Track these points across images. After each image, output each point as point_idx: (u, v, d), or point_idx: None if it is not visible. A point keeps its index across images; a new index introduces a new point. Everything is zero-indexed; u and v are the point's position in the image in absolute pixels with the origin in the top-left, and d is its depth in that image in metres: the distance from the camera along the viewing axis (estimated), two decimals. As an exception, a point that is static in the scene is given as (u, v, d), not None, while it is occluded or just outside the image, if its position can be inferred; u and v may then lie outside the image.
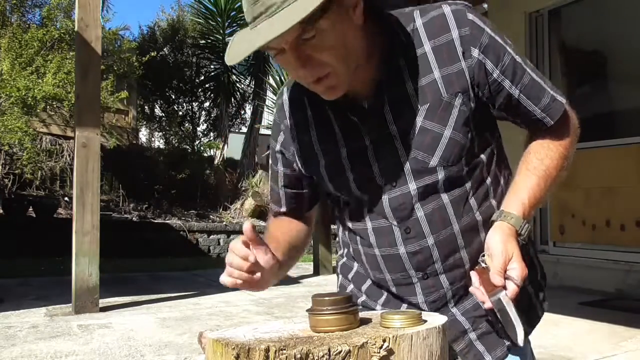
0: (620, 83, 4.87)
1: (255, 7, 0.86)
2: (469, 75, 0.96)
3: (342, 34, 0.89)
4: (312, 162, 1.08)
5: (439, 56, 0.96)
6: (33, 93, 6.39)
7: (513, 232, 0.95)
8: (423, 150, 0.97)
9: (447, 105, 0.96)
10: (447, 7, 0.97)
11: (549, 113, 1.01)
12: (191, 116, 11.37)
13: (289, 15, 0.82)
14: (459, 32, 0.95)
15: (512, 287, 0.91)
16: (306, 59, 0.89)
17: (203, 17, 11.36)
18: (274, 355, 0.65)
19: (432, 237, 1.00)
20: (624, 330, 3.18)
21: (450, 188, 0.99)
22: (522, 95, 0.99)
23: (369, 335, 0.68)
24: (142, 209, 8.39)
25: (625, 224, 4.24)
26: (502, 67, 0.97)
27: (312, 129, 1.07)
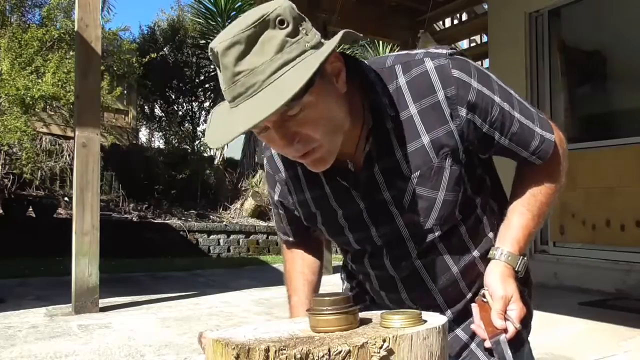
0: (620, 83, 4.87)
1: (235, 88, 0.81)
2: (458, 134, 0.95)
3: (327, 105, 0.86)
4: (311, 218, 1.10)
5: (426, 119, 0.94)
6: (32, 92, 6.39)
7: (510, 271, 0.98)
8: (418, 214, 0.98)
9: (439, 169, 0.96)
10: (430, 63, 0.94)
11: (539, 155, 1.01)
12: (191, 116, 11.36)
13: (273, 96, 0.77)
14: (444, 93, 0.92)
15: (511, 329, 0.95)
16: (292, 136, 0.85)
17: (203, 17, 11.36)
18: (274, 355, 0.64)
19: (432, 283, 1.03)
20: (624, 330, 3.17)
21: (447, 238, 1.02)
22: (512, 143, 0.99)
23: (369, 335, 0.68)
24: (142, 209, 8.39)
25: (625, 224, 4.24)
26: (491, 121, 0.95)
27: (305, 189, 1.06)
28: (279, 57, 0.80)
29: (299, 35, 0.82)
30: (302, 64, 0.80)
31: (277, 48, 0.80)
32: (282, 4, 0.83)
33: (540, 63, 4.98)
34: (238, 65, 0.80)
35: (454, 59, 0.94)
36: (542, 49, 4.98)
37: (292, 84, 0.77)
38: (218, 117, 0.87)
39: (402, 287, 1.05)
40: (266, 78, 0.79)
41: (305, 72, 0.77)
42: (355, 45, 11.73)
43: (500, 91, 0.97)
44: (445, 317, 0.80)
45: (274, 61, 0.80)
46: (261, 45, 0.80)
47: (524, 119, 0.99)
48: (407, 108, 0.94)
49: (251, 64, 0.80)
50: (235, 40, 0.80)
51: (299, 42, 0.82)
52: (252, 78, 0.80)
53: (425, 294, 1.04)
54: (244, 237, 8.18)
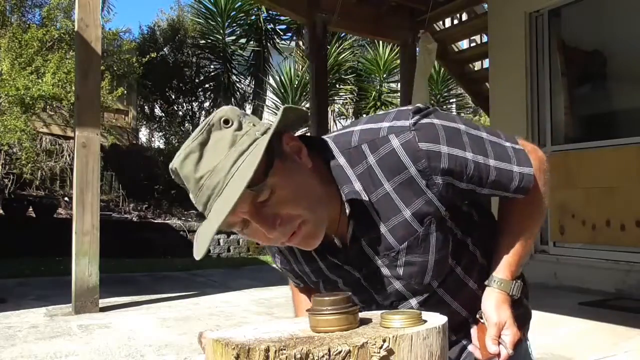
0: (620, 83, 4.87)
1: (202, 194, 0.83)
2: (438, 200, 0.95)
3: (297, 181, 0.86)
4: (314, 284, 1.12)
5: (403, 194, 0.94)
6: (32, 92, 6.39)
7: (504, 297, 1.02)
8: (413, 277, 1.01)
9: (425, 236, 0.97)
10: (395, 140, 0.92)
11: (520, 192, 1.02)
12: (191, 116, 11.36)
13: (234, 187, 0.79)
14: (416, 167, 0.92)
15: (503, 353, 0.98)
16: (273, 219, 0.85)
17: (203, 17, 11.36)
18: (274, 355, 0.64)
19: None
20: (624, 330, 3.17)
21: (444, 282, 1.04)
22: (492, 190, 1.00)
23: (369, 335, 0.68)
24: (142, 209, 8.39)
25: (625, 224, 4.23)
26: (468, 177, 0.95)
27: (302, 262, 1.09)
28: (232, 150, 0.82)
29: (245, 128, 0.84)
30: (256, 149, 0.81)
31: (229, 143, 0.82)
32: (222, 109, 0.86)
33: (540, 63, 4.97)
34: (197, 170, 0.83)
35: (419, 129, 0.92)
36: (542, 49, 4.98)
37: (246, 171, 0.78)
38: (199, 231, 0.86)
39: None
40: (227, 173, 0.81)
41: (251, 166, 0.78)
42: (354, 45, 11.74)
43: (471, 144, 0.96)
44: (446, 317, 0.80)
45: (230, 156, 0.82)
46: (213, 146, 0.83)
47: (501, 163, 0.98)
48: (382, 185, 0.94)
49: (209, 164, 0.82)
50: (188, 150, 0.84)
51: (249, 133, 0.84)
52: (215, 177, 0.82)
53: None
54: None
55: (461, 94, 11.69)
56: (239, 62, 11.70)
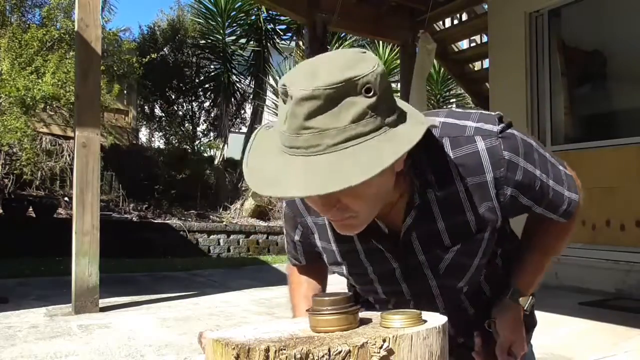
0: (620, 83, 4.87)
1: (296, 139, 0.76)
2: (500, 210, 0.96)
3: (379, 184, 0.82)
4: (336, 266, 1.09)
5: (471, 197, 0.94)
6: (32, 93, 6.39)
7: (520, 313, 1.06)
8: (453, 278, 1.02)
9: (477, 240, 0.98)
10: (481, 143, 0.91)
11: (565, 215, 1.05)
12: (191, 116, 11.36)
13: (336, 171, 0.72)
14: (493, 175, 0.92)
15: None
16: (335, 203, 0.82)
17: (203, 17, 11.36)
18: (274, 355, 0.64)
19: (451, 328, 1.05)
20: (624, 330, 3.18)
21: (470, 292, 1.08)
22: (545, 210, 1.03)
23: (369, 335, 0.68)
24: (142, 209, 8.39)
25: (625, 224, 4.24)
26: (532, 194, 0.98)
27: (332, 240, 1.03)
28: (352, 127, 0.74)
29: (379, 109, 0.76)
30: (376, 144, 0.75)
31: (354, 117, 0.74)
32: (375, 69, 0.77)
33: (540, 63, 4.97)
34: (309, 121, 0.75)
35: (505, 138, 0.92)
36: (542, 49, 4.98)
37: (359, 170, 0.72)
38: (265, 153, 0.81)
39: None
40: (333, 144, 0.74)
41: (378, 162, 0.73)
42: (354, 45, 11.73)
43: (539, 162, 0.97)
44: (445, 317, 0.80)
45: (347, 130, 0.74)
46: (339, 110, 0.74)
47: (557, 185, 1.01)
48: (454, 183, 0.93)
49: (323, 124, 0.74)
50: (315, 94, 0.74)
51: (378, 116, 0.76)
52: (319, 139, 0.74)
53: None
54: (244, 237, 8.18)
55: (461, 94, 11.67)
56: (239, 62, 11.70)
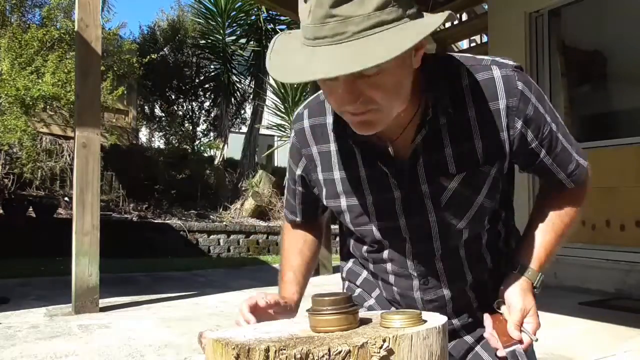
0: (620, 83, 4.87)
1: (321, 29, 0.77)
2: (509, 146, 0.97)
3: (400, 75, 0.85)
4: (335, 200, 1.07)
5: (483, 125, 0.95)
6: (32, 92, 6.39)
7: (530, 286, 1.01)
8: (453, 213, 0.99)
9: (483, 174, 0.97)
10: (497, 71, 0.94)
11: (573, 179, 1.06)
12: (191, 116, 11.37)
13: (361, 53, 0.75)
14: (506, 103, 0.94)
15: (526, 340, 0.97)
16: (358, 94, 0.83)
17: (203, 17, 11.36)
18: (274, 355, 0.65)
19: (448, 289, 1.06)
20: (624, 330, 3.17)
21: (469, 245, 1.04)
22: (553, 163, 1.02)
23: (369, 335, 0.68)
24: (142, 209, 8.39)
25: (625, 224, 4.24)
26: (541, 138, 0.99)
27: (336, 167, 1.04)
28: (377, 14, 0.77)
29: (401, 1, 0.79)
30: (399, 30, 0.77)
31: (379, 5, 0.77)
32: None
33: (540, 63, 4.97)
34: (335, 9, 0.76)
35: (519, 73, 0.95)
36: (542, 49, 4.98)
37: (384, 49, 0.74)
38: (288, 50, 0.84)
39: (418, 288, 1.07)
40: (358, 31, 0.76)
41: (403, 42, 0.75)
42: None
43: (550, 113, 1.00)
44: (445, 317, 0.80)
45: (371, 18, 0.77)
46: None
47: (565, 142, 1.02)
48: (466, 110, 0.94)
49: (348, 12, 0.76)
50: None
51: (400, 7, 0.78)
52: (344, 27, 0.76)
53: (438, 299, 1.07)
54: (244, 237, 8.18)
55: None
56: (239, 62, 11.70)
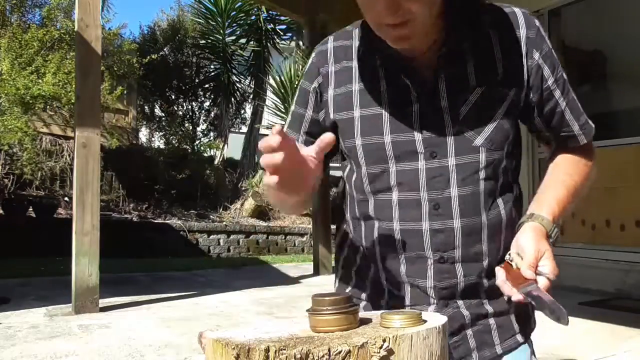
0: (620, 83, 4.87)
1: None
2: (527, 75, 0.99)
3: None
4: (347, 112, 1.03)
5: (504, 46, 0.99)
6: (32, 92, 6.39)
7: (544, 233, 0.96)
8: (471, 128, 0.97)
9: (502, 93, 0.98)
10: (519, 9, 1.02)
11: (585, 132, 1.06)
12: (191, 116, 11.37)
13: None
14: (526, 32, 0.99)
15: (544, 281, 0.91)
16: (396, 7, 0.87)
17: (203, 17, 11.37)
18: (274, 355, 0.65)
19: (459, 220, 0.98)
20: (624, 330, 3.18)
21: (487, 177, 0.99)
22: (567, 108, 1.03)
23: (369, 335, 0.68)
24: (142, 209, 8.40)
25: (625, 224, 4.24)
26: (556, 78, 1.01)
27: (355, 80, 1.04)
28: None
29: None
30: None
31: None
32: None
33: (540, 63, 4.97)
34: None
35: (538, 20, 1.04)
36: (542, 49, 4.98)
37: None
38: None
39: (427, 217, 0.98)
40: None
41: None
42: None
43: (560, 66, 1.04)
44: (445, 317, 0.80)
45: None
46: None
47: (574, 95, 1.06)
48: (488, 31, 0.99)
49: None
50: None
51: None
52: None
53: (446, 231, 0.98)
54: (244, 237, 8.18)
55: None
56: (239, 62, 11.70)
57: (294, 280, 5.48)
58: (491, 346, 1.03)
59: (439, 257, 0.99)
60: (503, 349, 1.04)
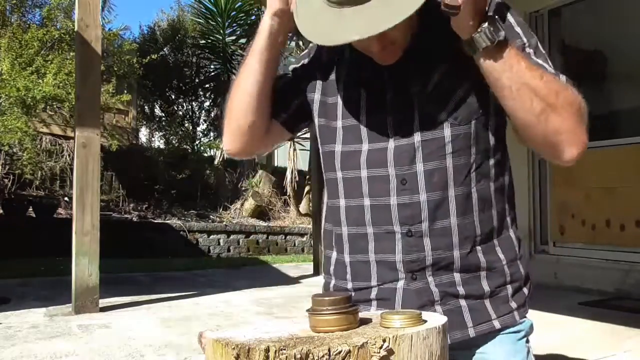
0: (620, 83, 4.87)
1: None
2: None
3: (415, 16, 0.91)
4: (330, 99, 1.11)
5: None
6: (33, 93, 6.39)
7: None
8: (436, 105, 1.01)
9: (465, 68, 0.98)
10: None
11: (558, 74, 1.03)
12: (191, 116, 11.36)
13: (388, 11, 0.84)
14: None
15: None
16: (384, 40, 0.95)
17: (203, 17, 11.36)
18: (274, 355, 0.65)
19: (425, 194, 1.01)
20: (624, 330, 3.17)
21: (455, 153, 1.01)
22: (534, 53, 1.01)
23: (369, 335, 0.68)
24: (142, 209, 8.39)
25: (625, 224, 4.23)
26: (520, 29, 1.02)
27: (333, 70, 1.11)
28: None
29: None
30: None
31: None
32: None
33: (540, 63, 4.97)
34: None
35: None
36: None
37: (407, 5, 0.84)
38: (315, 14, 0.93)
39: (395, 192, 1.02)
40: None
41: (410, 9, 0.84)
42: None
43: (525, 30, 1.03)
44: (445, 317, 0.80)
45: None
46: None
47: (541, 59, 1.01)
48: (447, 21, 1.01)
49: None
50: None
51: None
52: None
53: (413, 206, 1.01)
54: (244, 237, 8.18)
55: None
56: (239, 62, 11.66)
57: (294, 280, 5.48)
58: (463, 328, 1.03)
59: (406, 231, 1.02)
60: (476, 332, 1.04)
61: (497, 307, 1.06)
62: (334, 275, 1.17)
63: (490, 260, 1.06)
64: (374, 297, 1.06)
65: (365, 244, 1.06)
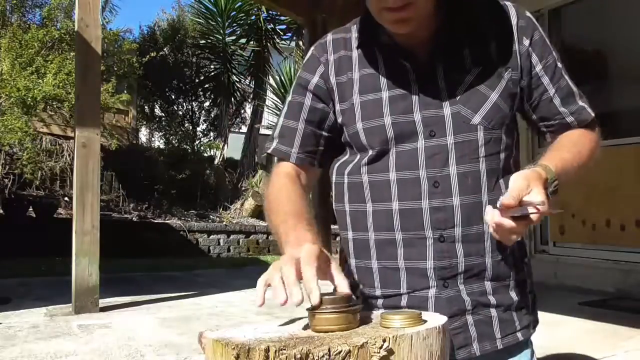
0: (620, 83, 4.87)
1: None
2: (519, 60, 1.02)
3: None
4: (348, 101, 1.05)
5: (497, 33, 1.03)
6: (33, 93, 6.39)
7: (541, 176, 0.90)
8: (468, 107, 0.99)
9: (498, 74, 1.00)
10: (510, 3, 1.06)
11: (577, 117, 1.06)
12: (191, 116, 11.37)
13: None
14: (517, 21, 1.03)
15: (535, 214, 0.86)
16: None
17: (203, 17, 11.37)
18: (274, 355, 0.64)
19: (458, 197, 0.97)
20: (624, 330, 3.18)
21: (487, 156, 0.99)
22: (557, 95, 1.04)
23: (369, 335, 0.68)
24: (142, 209, 8.40)
25: (625, 224, 4.23)
26: (545, 65, 1.03)
27: (354, 70, 1.07)
28: None
29: None
30: None
31: None
32: None
33: (540, 63, 4.97)
34: None
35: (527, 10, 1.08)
36: (542, 49, 4.98)
37: None
38: None
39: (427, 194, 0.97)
40: None
41: None
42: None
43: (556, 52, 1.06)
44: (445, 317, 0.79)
45: None
46: None
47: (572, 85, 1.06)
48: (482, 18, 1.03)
49: None
50: None
51: None
52: None
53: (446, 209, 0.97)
54: (244, 237, 8.18)
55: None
56: (239, 62, 11.70)
57: (294, 280, 5.47)
58: (492, 339, 1.00)
59: (438, 236, 0.98)
60: (503, 344, 1.01)
61: (521, 318, 1.03)
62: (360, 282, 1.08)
63: (517, 268, 1.04)
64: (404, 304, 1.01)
65: (394, 250, 1.01)
